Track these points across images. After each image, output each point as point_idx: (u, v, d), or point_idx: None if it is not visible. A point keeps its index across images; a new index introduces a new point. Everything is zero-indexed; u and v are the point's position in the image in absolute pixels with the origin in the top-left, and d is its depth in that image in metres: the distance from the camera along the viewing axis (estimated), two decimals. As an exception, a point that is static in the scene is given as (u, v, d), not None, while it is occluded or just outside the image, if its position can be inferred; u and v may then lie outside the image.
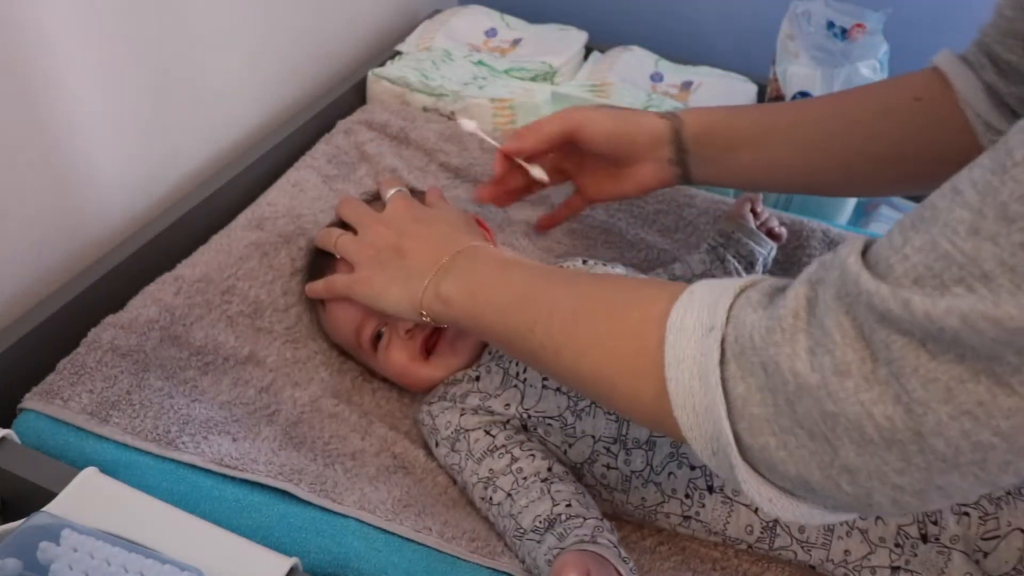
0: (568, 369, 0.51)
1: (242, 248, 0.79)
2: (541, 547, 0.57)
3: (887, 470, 0.36)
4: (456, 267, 0.62)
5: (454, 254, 0.62)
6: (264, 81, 0.96)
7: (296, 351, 0.74)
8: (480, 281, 0.60)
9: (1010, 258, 0.31)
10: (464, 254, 0.62)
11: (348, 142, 0.97)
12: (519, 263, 0.61)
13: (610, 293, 0.51)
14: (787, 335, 0.38)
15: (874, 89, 0.72)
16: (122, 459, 0.60)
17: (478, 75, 1.07)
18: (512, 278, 0.58)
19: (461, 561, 0.59)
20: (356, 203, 0.73)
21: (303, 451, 0.65)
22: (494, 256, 0.63)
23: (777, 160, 0.71)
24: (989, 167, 0.33)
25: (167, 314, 0.71)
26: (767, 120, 0.72)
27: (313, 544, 0.57)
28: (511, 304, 0.56)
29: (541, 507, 0.59)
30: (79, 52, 0.71)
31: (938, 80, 0.66)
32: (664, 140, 0.71)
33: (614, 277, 0.57)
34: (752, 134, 0.71)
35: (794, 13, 1.00)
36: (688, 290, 0.45)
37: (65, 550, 0.48)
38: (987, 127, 0.63)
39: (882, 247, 0.37)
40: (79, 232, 0.76)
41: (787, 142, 0.70)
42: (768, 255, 0.84)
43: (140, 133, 0.80)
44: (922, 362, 0.33)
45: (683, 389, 0.42)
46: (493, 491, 0.62)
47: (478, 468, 0.64)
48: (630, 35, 1.23)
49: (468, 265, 0.62)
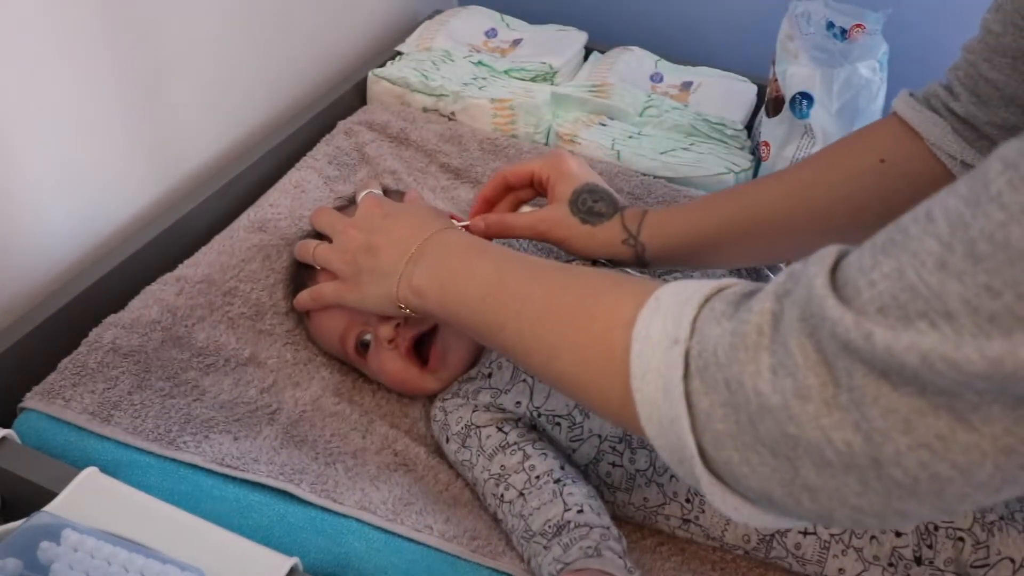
0: (539, 369, 0.52)
1: (244, 250, 0.79)
2: (547, 555, 0.57)
3: (847, 492, 0.36)
4: (425, 256, 0.61)
5: (422, 242, 0.62)
6: (265, 81, 0.96)
7: (297, 353, 0.74)
8: (449, 272, 0.60)
9: (974, 298, 0.30)
10: (432, 241, 0.62)
11: (349, 143, 0.97)
12: (486, 251, 0.60)
13: (577, 294, 0.51)
14: (750, 352, 0.37)
15: (833, 160, 0.69)
16: (123, 459, 0.60)
17: (478, 75, 1.07)
18: (479, 270, 0.58)
19: (461, 561, 0.59)
20: (327, 211, 0.73)
21: (304, 450, 0.65)
22: (462, 243, 0.62)
23: (739, 253, 0.74)
24: (964, 196, 0.32)
25: (169, 315, 0.71)
26: (725, 220, 0.70)
27: (313, 544, 0.57)
28: (479, 300, 0.56)
29: (552, 511, 0.59)
30: (76, 49, 0.71)
31: (902, 131, 0.65)
32: (625, 259, 0.72)
33: (582, 273, 0.56)
34: (712, 239, 0.70)
35: (794, 13, 1.00)
36: (655, 296, 0.45)
37: (66, 550, 0.48)
38: (964, 166, 0.62)
39: (851, 267, 0.36)
40: (80, 231, 0.76)
41: (747, 239, 0.71)
42: None
43: (140, 133, 0.80)
44: (883, 392, 0.33)
45: (648, 400, 0.42)
46: (505, 488, 0.62)
47: (489, 464, 0.64)
48: (630, 35, 1.23)
49: (438, 252, 0.61)
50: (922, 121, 0.64)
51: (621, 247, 0.71)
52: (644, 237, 0.70)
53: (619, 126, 1.03)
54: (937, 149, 0.63)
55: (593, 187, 0.72)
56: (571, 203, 0.72)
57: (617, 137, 1.00)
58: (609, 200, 0.72)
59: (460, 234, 0.64)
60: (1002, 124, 0.61)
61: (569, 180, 0.73)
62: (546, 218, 0.72)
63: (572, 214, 0.71)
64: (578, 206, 0.72)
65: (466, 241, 0.63)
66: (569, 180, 0.73)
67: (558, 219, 0.72)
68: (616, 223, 0.71)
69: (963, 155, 0.62)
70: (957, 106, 0.62)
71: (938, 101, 0.64)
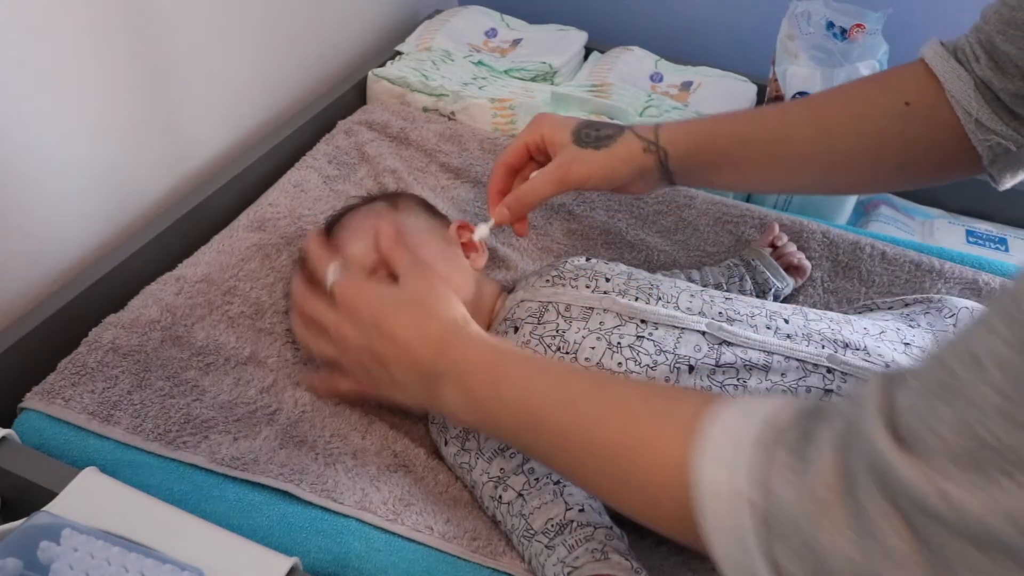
0: (589, 490, 0.56)
1: (244, 249, 0.79)
2: (551, 555, 0.57)
3: None
4: (445, 378, 0.57)
5: (432, 356, 0.58)
6: (265, 81, 0.96)
7: (297, 352, 0.74)
8: (479, 402, 0.56)
9: None
10: (446, 359, 0.57)
11: (349, 142, 0.97)
12: (508, 372, 0.56)
13: (614, 427, 0.49)
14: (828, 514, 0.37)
15: (860, 94, 0.68)
16: (123, 459, 0.60)
17: (478, 75, 1.07)
18: (507, 398, 0.55)
19: (462, 561, 0.59)
20: (309, 297, 0.65)
21: (304, 450, 0.65)
22: (478, 361, 0.57)
23: (759, 175, 0.72)
24: (1010, 342, 0.32)
25: (168, 314, 0.71)
26: (747, 136, 0.70)
27: (313, 544, 0.57)
28: (517, 431, 0.55)
29: (554, 510, 0.59)
30: (76, 51, 0.71)
31: (928, 78, 0.64)
32: (651, 171, 0.71)
33: (613, 398, 0.51)
34: (733, 154, 0.70)
35: (794, 13, 1.00)
36: (702, 434, 0.43)
37: (65, 550, 0.48)
38: (978, 125, 0.62)
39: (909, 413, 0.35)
40: (80, 231, 0.76)
41: (767, 160, 0.70)
42: (783, 289, 0.85)
43: (141, 133, 0.80)
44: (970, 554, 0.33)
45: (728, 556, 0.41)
46: (504, 490, 0.62)
47: (488, 467, 0.64)
48: (630, 35, 1.23)
49: (457, 374, 0.57)
50: (947, 71, 0.63)
51: (643, 156, 0.70)
52: (663, 142, 0.69)
53: (619, 126, 1.03)
54: (955, 102, 0.62)
55: (588, 121, 0.72)
56: (576, 142, 0.70)
57: (617, 137, 1.00)
58: (609, 125, 0.71)
59: (470, 345, 0.58)
60: (1016, 92, 0.60)
61: (562, 128, 0.72)
62: (561, 164, 0.70)
63: (582, 147, 0.70)
64: (584, 140, 0.70)
65: (481, 357, 0.57)
66: (562, 128, 0.72)
67: (572, 159, 0.70)
68: (629, 137, 0.70)
69: (979, 113, 0.61)
70: (977, 68, 0.62)
71: (964, 56, 0.63)
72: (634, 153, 0.69)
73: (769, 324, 0.68)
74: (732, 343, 0.65)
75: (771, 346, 0.65)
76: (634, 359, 0.65)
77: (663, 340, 0.66)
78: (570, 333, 0.67)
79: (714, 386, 0.63)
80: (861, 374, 0.63)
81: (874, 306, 0.78)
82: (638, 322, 0.67)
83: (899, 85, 0.66)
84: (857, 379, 0.63)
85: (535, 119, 0.74)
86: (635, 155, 0.69)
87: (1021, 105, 0.61)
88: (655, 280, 0.73)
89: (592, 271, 0.74)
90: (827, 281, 0.88)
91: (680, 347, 0.65)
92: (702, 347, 0.65)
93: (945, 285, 0.85)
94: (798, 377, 0.63)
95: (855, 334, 0.68)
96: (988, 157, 0.63)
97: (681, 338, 0.66)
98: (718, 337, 0.66)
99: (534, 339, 0.68)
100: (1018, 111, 0.61)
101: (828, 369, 0.64)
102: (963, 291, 0.84)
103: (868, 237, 0.90)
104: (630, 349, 0.65)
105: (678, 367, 0.64)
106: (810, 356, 0.65)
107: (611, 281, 0.72)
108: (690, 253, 0.90)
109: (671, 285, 0.72)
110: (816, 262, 0.88)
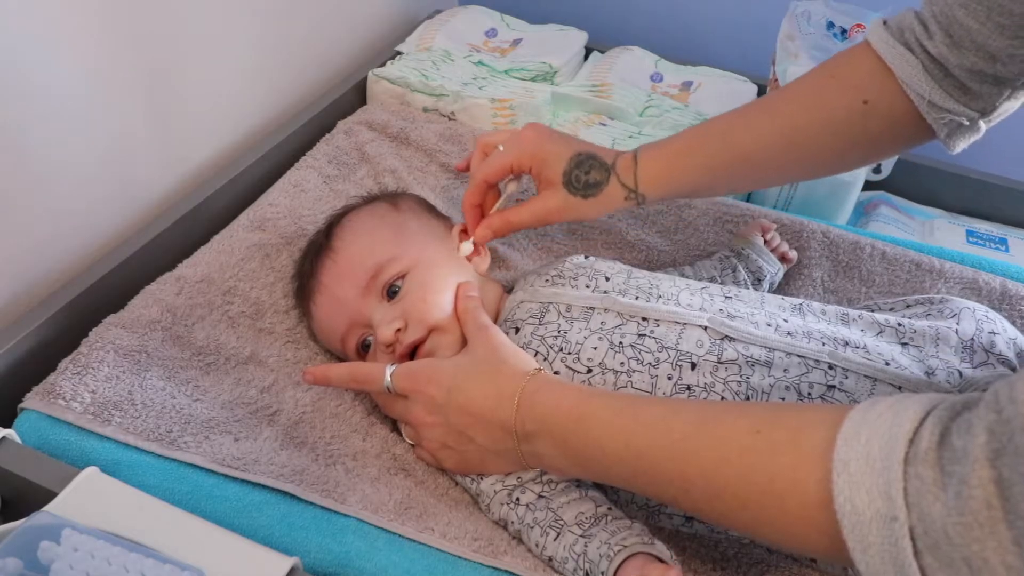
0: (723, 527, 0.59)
1: (244, 249, 0.79)
2: (591, 542, 0.57)
3: None
4: (538, 438, 0.59)
5: (517, 419, 0.59)
6: (265, 81, 0.96)
7: (297, 351, 0.74)
8: (580, 455, 0.57)
9: None
10: (530, 419, 0.59)
11: (349, 142, 0.97)
12: (597, 417, 0.56)
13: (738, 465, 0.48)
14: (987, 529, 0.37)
15: (822, 97, 0.70)
16: (123, 459, 0.60)
17: (478, 75, 1.07)
18: (609, 449, 0.55)
19: (462, 560, 0.59)
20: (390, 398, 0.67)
21: (304, 451, 0.65)
22: (562, 409, 0.58)
23: (731, 189, 0.79)
24: None
25: (169, 314, 0.71)
26: (718, 163, 0.72)
27: (314, 543, 0.57)
28: (630, 477, 0.55)
29: (584, 506, 0.60)
30: (75, 50, 0.71)
31: (879, 67, 0.67)
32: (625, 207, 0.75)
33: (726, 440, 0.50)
34: (707, 185, 0.74)
35: (794, 13, 1.00)
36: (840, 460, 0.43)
37: (66, 550, 0.48)
38: (931, 105, 0.65)
39: None
40: (80, 231, 0.76)
41: (740, 176, 0.74)
42: (776, 274, 0.86)
43: (140, 133, 0.80)
44: None
45: (876, 572, 0.41)
46: (521, 492, 0.63)
47: (504, 478, 0.64)
48: (630, 35, 1.23)
49: (548, 429, 0.58)
50: (895, 57, 0.66)
51: (623, 202, 0.74)
52: (643, 189, 0.73)
53: (619, 126, 1.03)
54: (907, 87, 0.65)
55: (579, 159, 0.73)
56: (565, 185, 0.73)
57: (617, 137, 1.00)
58: (598, 164, 0.73)
59: (552, 398, 0.59)
60: (971, 68, 0.63)
61: (552, 163, 0.73)
62: (549, 208, 0.74)
63: (571, 194, 0.73)
64: (574, 185, 0.73)
65: (569, 410, 0.57)
66: (552, 163, 0.73)
67: (560, 205, 0.74)
68: (614, 185, 0.73)
69: (931, 95, 0.64)
70: (930, 45, 0.64)
71: (912, 36, 0.65)
72: (615, 200, 0.74)
73: (770, 322, 0.68)
74: (734, 338, 0.66)
75: (772, 342, 0.65)
76: (636, 358, 0.65)
77: (665, 337, 0.66)
78: (572, 333, 0.67)
79: (717, 382, 0.63)
80: (863, 370, 0.64)
81: (875, 307, 0.78)
82: (639, 320, 0.67)
83: (856, 81, 0.68)
84: (859, 375, 0.63)
85: (525, 136, 0.75)
86: (616, 202, 0.74)
87: (975, 80, 0.63)
88: (655, 278, 0.73)
89: (592, 270, 0.74)
90: (827, 281, 0.88)
91: (682, 343, 0.65)
92: (704, 343, 0.65)
93: (945, 285, 0.85)
94: (800, 373, 0.64)
95: (854, 333, 0.68)
96: (943, 132, 0.67)
97: (683, 334, 0.66)
98: (720, 332, 0.66)
99: (535, 340, 0.68)
100: (971, 86, 0.64)
101: (829, 365, 0.64)
102: (963, 291, 0.84)
103: (868, 237, 0.90)
104: (632, 348, 0.65)
105: (680, 364, 0.64)
106: (811, 352, 0.65)
107: (611, 280, 0.72)
108: (690, 253, 0.90)
109: (671, 283, 0.72)
110: (816, 262, 0.88)
